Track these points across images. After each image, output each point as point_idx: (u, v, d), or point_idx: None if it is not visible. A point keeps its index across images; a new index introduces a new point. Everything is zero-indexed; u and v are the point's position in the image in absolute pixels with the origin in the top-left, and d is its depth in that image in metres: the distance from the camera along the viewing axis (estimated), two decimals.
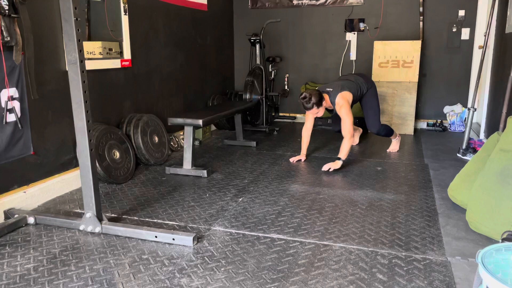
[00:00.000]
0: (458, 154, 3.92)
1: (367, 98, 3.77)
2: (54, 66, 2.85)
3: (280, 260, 2.00)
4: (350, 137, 3.45)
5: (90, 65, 3.13)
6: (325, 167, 3.44)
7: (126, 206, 2.72)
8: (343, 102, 3.46)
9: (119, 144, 3.27)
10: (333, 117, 3.93)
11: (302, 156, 3.77)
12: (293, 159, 3.74)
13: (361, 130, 4.48)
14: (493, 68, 4.33)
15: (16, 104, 2.55)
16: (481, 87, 4.82)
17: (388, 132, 3.92)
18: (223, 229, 2.35)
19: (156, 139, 3.73)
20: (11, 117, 2.52)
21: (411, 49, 4.83)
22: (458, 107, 5.14)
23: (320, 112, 3.52)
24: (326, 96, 3.52)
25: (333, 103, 3.52)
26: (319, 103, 3.43)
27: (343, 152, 3.45)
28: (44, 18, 2.74)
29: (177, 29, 4.40)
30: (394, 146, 4.11)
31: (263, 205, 2.71)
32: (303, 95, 3.44)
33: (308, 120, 3.75)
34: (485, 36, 3.92)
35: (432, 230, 2.32)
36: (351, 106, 3.61)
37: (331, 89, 3.54)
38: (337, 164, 3.43)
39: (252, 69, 5.16)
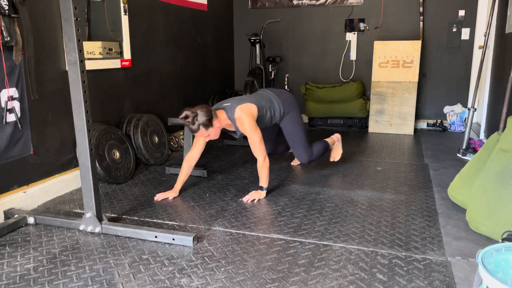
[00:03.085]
0: (458, 154, 3.92)
1: (288, 123, 3.07)
2: (54, 66, 2.85)
3: (280, 260, 2.00)
4: (263, 158, 2.77)
5: (90, 65, 3.13)
6: (247, 198, 2.79)
7: (126, 206, 2.72)
8: (244, 116, 2.71)
9: (119, 144, 3.27)
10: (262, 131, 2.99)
11: (173, 192, 2.88)
12: (158, 196, 2.84)
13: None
14: (493, 68, 4.33)
15: (16, 104, 2.55)
16: (481, 87, 4.83)
17: (323, 151, 3.32)
18: (223, 229, 2.35)
19: (156, 139, 3.73)
20: (11, 117, 2.52)
21: (411, 49, 4.82)
22: (458, 107, 5.14)
23: (212, 134, 2.70)
24: (221, 113, 2.76)
25: (232, 120, 2.75)
26: (208, 124, 2.61)
27: (263, 179, 2.82)
28: (44, 18, 2.74)
29: (177, 29, 4.40)
30: (335, 152, 3.55)
31: (263, 205, 2.71)
32: (183, 114, 2.59)
33: (197, 145, 2.88)
34: (485, 36, 3.92)
35: (432, 230, 2.32)
36: (261, 129, 2.88)
37: (228, 104, 2.80)
38: (261, 194, 2.83)
39: (252, 69, 5.16)
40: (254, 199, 2.79)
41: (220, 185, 3.12)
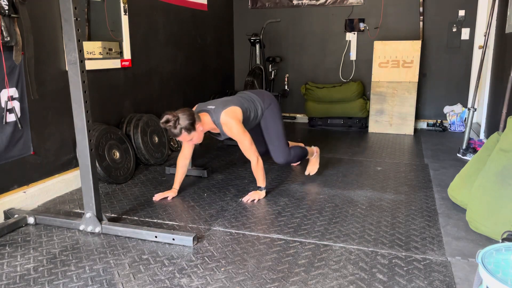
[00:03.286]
0: (458, 154, 3.92)
1: (267, 120, 3.00)
2: (54, 66, 2.85)
3: (280, 260, 2.00)
4: (256, 159, 2.77)
5: (90, 65, 3.13)
6: (247, 199, 2.80)
7: (126, 206, 2.72)
8: (230, 120, 2.67)
9: (119, 144, 3.27)
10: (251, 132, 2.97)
11: (172, 192, 2.89)
12: (157, 197, 2.85)
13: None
14: (493, 68, 4.33)
15: (16, 104, 2.55)
16: (481, 87, 4.83)
17: (300, 156, 3.23)
18: (223, 229, 2.35)
19: (156, 139, 3.73)
20: (11, 117, 2.52)
21: (411, 49, 4.82)
22: (458, 107, 5.14)
23: (195, 138, 2.65)
24: (205, 116, 2.70)
25: (218, 124, 2.71)
26: (190, 127, 2.55)
27: (260, 180, 2.84)
28: (44, 18, 2.74)
29: (177, 29, 4.40)
30: (312, 166, 3.38)
31: (263, 205, 2.71)
32: (164, 118, 2.52)
33: (185, 146, 2.87)
34: (485, 36, 3.92)
35: (432, 230, 2.32)
36: (247, 129, 2.84)
37: (213, 107, 2.74)
38: (261, 194, 2.84)
39: (252, 69, 5.16)
40: (254, 199, 2.80)
41: (220, 185, 3.12)
